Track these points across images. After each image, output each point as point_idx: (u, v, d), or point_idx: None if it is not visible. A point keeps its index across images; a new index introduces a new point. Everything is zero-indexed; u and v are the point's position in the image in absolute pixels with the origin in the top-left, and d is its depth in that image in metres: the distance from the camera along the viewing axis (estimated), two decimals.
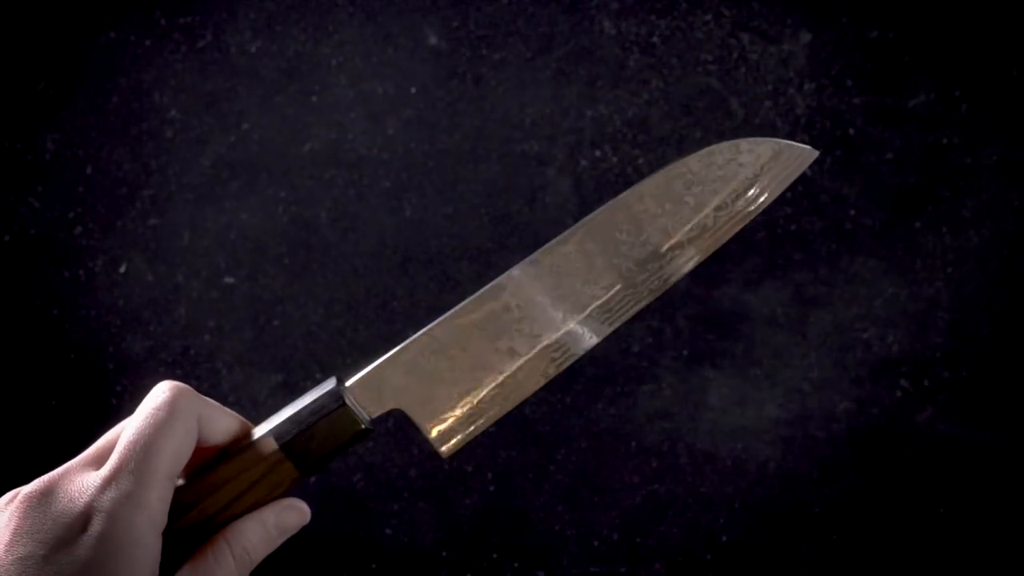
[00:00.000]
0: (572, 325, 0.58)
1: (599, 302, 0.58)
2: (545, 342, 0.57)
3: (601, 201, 0.59)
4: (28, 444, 1.07)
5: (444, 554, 1.06)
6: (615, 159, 1.07)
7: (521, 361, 0.57)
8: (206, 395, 0.51)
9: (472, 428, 0.57)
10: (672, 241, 0.58)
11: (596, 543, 1.06)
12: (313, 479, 0.54)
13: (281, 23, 1.08)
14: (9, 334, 1.08)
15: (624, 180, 1.06)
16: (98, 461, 0.49)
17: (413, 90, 1.08)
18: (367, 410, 0.55)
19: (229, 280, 1.08)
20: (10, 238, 1.08)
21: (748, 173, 0.58)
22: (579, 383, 1.06)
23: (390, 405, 0.56)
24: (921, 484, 1.05)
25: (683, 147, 1.06)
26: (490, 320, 0.57)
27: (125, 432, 0.49)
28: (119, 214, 1.08)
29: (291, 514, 0.53)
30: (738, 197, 0.58)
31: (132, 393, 1.07)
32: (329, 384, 0.54)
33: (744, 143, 0.59)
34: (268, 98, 1.08)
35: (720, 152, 0.58)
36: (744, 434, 1.06)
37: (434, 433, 0.57)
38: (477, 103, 1.08)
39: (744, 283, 1.06)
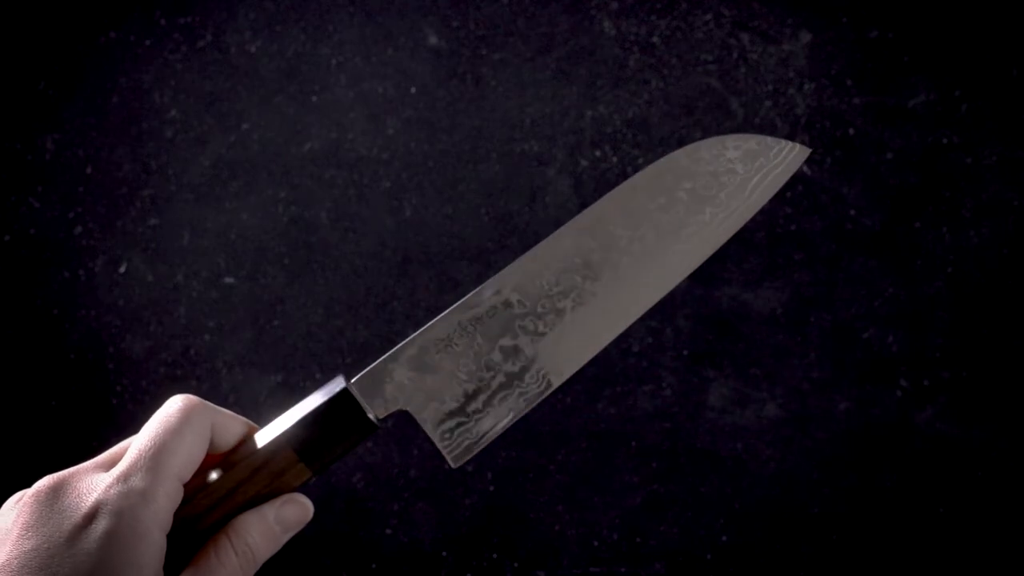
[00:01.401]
0: (575, 319, 0.57)
1: (598, 299, 0.57)
2: (549, 339, 0.56)
3: None
4: (28, 444, 1.07)
5: (444, 554, 1.06)
6: (615, 159, 1.07)
7: (526, 360, 0.56)
8: (206, 396, 0.52)
9: (482, 437, 0.56)
10: (668, 237, 0.57)
11: (596, 543, 1.06)
12: (313, 480, 0.54)
13: (281, 23, 1.08)
14: (9, 334, 1.08)
15: (624, 180, 1.06)
16: (109, 465, 0.49)
17: (413, 90, 1.08)
18: (373, 408, 0.55)
19: (229, 280, 1.08)
20: (10, 238, 1.08)
21: (739, 169, 0.58)
22: (579, 383, 1.06)
23: (396, 406, 0.55)
24: (921, 484, 1.05)
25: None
26: (492, 316, 0.56)
27: (137, 438, 0.49)
28: (119, 214, 1.08)
29: (292, 508, 0.52)
30: (731, 194, 0.58)
31: (132, 393, 1.07)
32: (335, 378, 0.54)
33: (730, 139, 0.58)
34: (268, 98, 1.08)
35: (707, 147, 0.58)
36: (744, 434, 1.06)
37: (442, 442, 0.56)
38: (477, 103, 1.08)
39: (744, 283, 1.06)
